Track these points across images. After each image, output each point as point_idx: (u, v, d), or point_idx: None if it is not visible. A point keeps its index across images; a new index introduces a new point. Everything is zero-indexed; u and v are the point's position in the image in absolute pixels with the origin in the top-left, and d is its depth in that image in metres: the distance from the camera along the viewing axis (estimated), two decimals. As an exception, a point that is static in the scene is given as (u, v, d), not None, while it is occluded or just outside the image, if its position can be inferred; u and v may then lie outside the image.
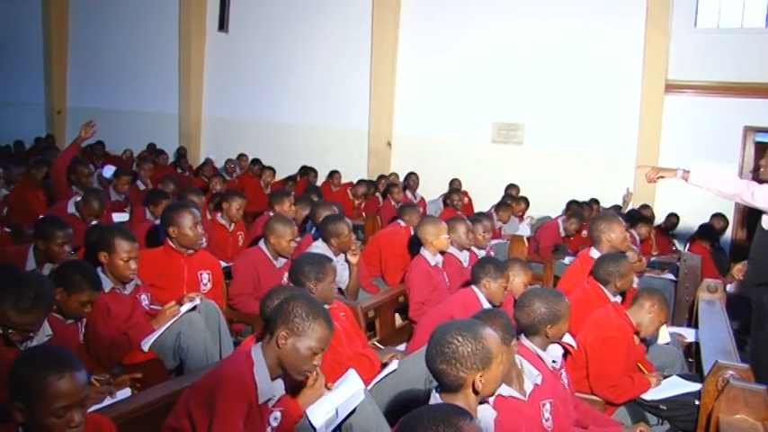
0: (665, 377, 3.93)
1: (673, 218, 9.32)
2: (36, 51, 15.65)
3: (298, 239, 4.97)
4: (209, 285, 4.33)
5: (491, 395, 2.41)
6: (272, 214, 6.15)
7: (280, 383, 2.61)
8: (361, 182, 10.42)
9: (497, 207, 8.59)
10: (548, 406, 2.84)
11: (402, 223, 6.46)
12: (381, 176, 10.94)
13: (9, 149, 12.49)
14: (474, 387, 2.22)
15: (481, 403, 2.33)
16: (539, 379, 2.81)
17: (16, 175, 7.79)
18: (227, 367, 2.55)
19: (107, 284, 3.59)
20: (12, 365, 2.07)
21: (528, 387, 2.78)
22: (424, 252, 5.20)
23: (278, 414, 2.63)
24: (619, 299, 4.26)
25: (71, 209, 5.63)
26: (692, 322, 5.41)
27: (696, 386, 3.68)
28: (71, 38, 15.61)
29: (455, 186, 9.79)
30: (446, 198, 8.82)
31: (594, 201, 9.20)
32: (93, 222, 5.41)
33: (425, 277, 5.01)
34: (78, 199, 5.73)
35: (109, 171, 8.18)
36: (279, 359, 2.53)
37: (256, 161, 11.22)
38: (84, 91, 15.37)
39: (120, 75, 14.67)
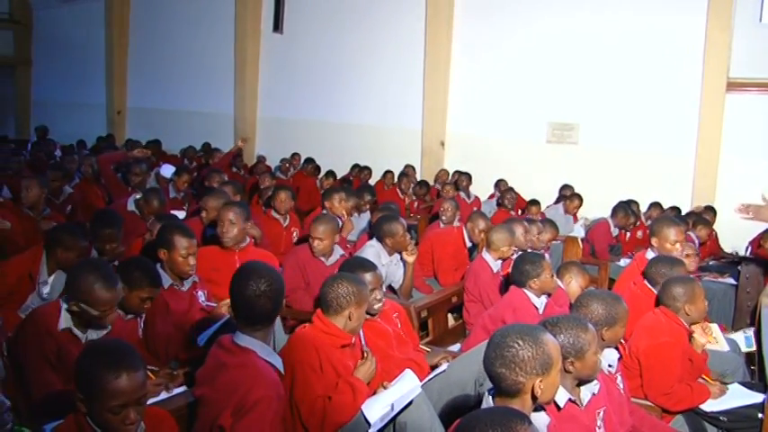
0: (725, 383, 3.82)
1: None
2: (98, 55, 16.18)
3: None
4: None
5: (549, 402, 2.38)
6: (324, 212, 6.22)
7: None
8: (388, 172, 10.62)
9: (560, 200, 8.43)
10: (601, 414, 2.79)
11: (442, 226, 6.50)
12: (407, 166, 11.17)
13: (72, 149, 12.90)
14: (533, 392, 2.21)
15: (536, 410, 2.30)
16: (596, 388, 2.75)
17: (70, 169, 8.10)
18: (254, 379, 2.50)
19: (166, 281, 3.68)
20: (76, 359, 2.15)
21: (585, 396, 2.72)
22: (487, 256, 5.14)
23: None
24: None
25: (131, 206, 5.77)
26: (756, 328, 5.23)
27: (759, 397, 3.58)
28: (131, 41, 16.08)
29: (503, 187, 9.70)
30: (499, 198, 8.78)
31: (657, 204, 8.85)
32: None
33: (488, 283, 4.95)
34: (138, 197, 5.87)
35: (167, 170, 8.36)
36: None
37: (310, 160, 11.34)
38: (142, 92, 15.83)
39: (177, 76, 15.02)
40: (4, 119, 17.99)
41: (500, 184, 10.09)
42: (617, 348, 3.28)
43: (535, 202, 8.84)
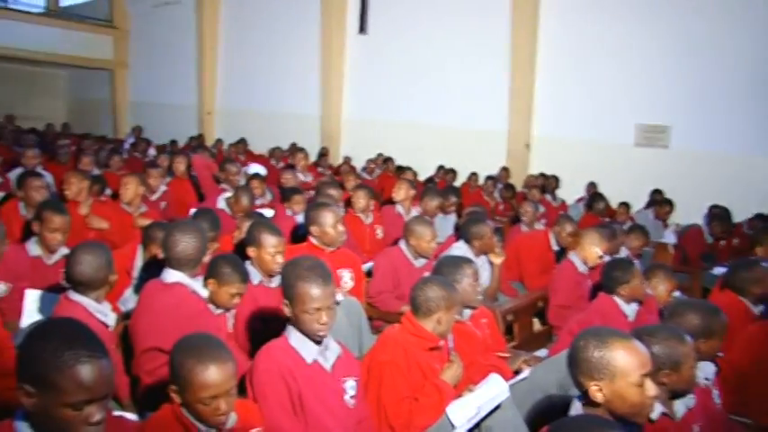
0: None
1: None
2: (190, 57, 16.76)
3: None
4: (350, 283, 4.43)
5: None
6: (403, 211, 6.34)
7: (331, 344, 2.69)
8: (473, 175, 10.63)
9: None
10: (697, 429, 2.67)
11: (524, 227, 6.54)
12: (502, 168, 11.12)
13: (165, 147, 13.41)
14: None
15: None
16: (691, 402, 2.65)
17: (163, 167, 8.40)
18: (257, 356, 2.63)
19: (256, 277, 3.75)
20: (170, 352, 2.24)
21: (679, 410, 2.61)
22: (574, 257, 5.07)
23: (353, 383, 2.71)
24: (761, 307, 3.96)
25: (221, 204, 5.95)
26: None
27: None
28: (220, 44, 16.57)
29: (592, 191, 9.45)
30: (590, 203, 8.55)
31: (762, 216, 8.38)
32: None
33: (572, 284, 4.89)
34: (228, 195, 6.04)
35: (254, 170, 8.56)
36: None
37: (389, 160, 11.48)
38: (231, 93, 16.29)
39: (264, 77, 15.38)
40: (103, 119, 18.89)
41: (589, 187, 9.85)
42: (713, 361, 3.15)
43: (624, 204, 8.58)
